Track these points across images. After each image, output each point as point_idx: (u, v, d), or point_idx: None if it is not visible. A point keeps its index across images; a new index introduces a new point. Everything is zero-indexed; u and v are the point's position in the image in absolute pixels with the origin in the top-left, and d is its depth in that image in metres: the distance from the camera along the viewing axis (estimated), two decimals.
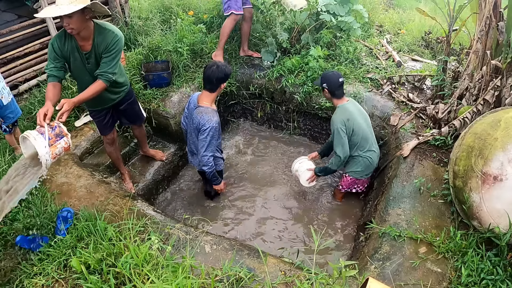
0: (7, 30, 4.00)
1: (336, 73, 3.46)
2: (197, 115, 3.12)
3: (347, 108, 3.42)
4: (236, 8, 4.28)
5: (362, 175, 3.62)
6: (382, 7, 6.97)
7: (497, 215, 2.45)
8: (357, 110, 3.49)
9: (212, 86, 3.10)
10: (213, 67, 3.02)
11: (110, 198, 3.06)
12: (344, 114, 3.39)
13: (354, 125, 3.38)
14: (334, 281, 2.32)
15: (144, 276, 2.32)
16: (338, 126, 3.37)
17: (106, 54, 2.72)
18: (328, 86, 3.41)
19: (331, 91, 3.43)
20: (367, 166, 3.56)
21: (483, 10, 3.39)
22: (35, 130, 2.30)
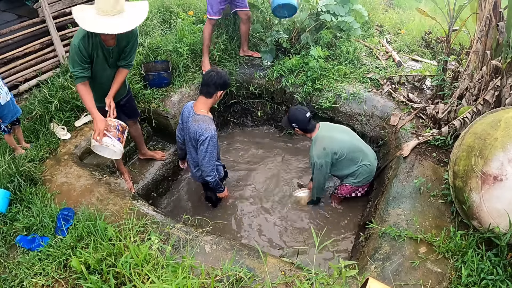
0: (7, 30, 3.99)
1: (301, 108, 3.42)
2: (194, 124, 3.00)
3: (321, 137, 3.39)
4: (211, 13, 4.28)
5: (364, 182, 3.62)
6: (382, 7, 6.97)
7: (497, 215, 2.45)
8: (332, 131, 3.45)
9: (209, 91, 2.99)
10: (212, 73, 2.98)
11: (110, 198, 3.06)
12: (320, 145, 3.35)
13: (334, 148, 3.34)
14: (334, 281, 2.32)
15: (144, 276, 2.32)
16: (315, 160, 3.35)
17: (129, 45, 2.91)
18: (298, 125, 3.40)
19: (303, 129, 3.42)
20: (367, 173, 3.55)
21: (483, 10, 3.39)
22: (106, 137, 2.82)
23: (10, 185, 3.00)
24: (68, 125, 3.84)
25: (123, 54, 2.94)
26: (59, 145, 3.63)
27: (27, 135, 3.69)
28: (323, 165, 3.36)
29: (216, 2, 4.20)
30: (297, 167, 4.44)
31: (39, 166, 3.32)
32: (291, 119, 3.43)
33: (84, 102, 2.86)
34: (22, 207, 2.92)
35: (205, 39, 4.47)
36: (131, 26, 2.57)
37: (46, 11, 4.17)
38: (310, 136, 3.48)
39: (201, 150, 3.03)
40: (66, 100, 3.92)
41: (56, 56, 4.45)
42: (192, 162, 3.39)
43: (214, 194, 3.67)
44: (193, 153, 3.26)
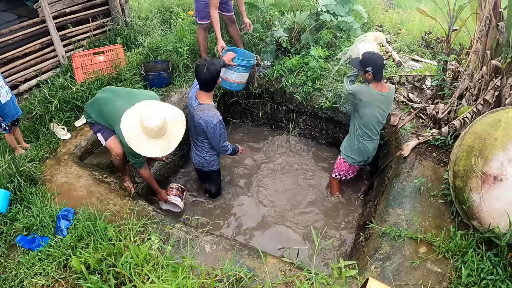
0: (7, 30, 3.99)
1: (375, 54, 3.33)
2: (200, 113, 3.23)
3: (371, 93, 3.32)
4: (200, 19, 4.27)
5: (355, 161, 3.64)
6: (382, 7, 6.96)
7: (497, 215, 2.45)
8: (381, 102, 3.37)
9: (208, 87, 3.24)
10: (203, 70, 3.10)
11: (110, 198, 3.06)
12: (362, 93, 3.32)
13: (362, 107, 3.34)
14: (334, 281, 2.32)
15: (144, 276, 2.32)
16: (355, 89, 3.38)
17: None
18: (374, 70, 3.25)
19: (375, 75, 3.29)
20: (360, 152, 3.57)
21: (483, 10, 3.39)
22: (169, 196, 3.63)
23: (10, 185, 3.00)
24: (68, 125, 3.84)
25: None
26: (59, 145, 3.62)
27: (27, 135, 3.69)
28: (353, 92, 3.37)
29: (202, 8, 4.17)
30: (297, 167, 4.44)
31: (39, 166, 3.32)
32: (368, 62, 3.28)
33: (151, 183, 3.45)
34: (22, 207, 2.92)
35: (200, 44, 4.47)
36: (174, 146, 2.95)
37: (46, 11, 4.17)
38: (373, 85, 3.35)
39: (213, 137, 3.31)
40: (66, 100, 3.92)
41: (56, 56, 4.44)
42: (194, 149, 3.60)
43: (213, 185, 3.84)
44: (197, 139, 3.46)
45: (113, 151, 3.27)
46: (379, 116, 3.39)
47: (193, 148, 3.63)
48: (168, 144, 2.93)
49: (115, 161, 3.40)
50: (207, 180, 3.85)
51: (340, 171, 3.78)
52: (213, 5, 3.94)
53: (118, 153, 3.26)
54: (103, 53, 4.25)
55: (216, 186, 3.89)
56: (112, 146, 3.24)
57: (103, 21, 4.92)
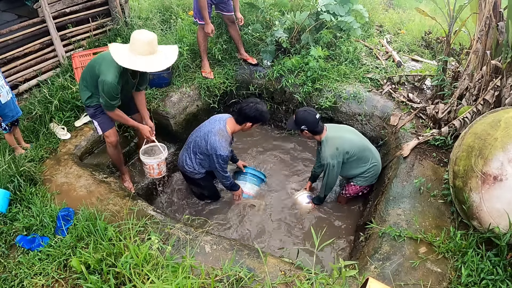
0: (7, 30, 3.99)
1: (309, 110, 3.35)
2: (217, 135, 3.27)
3: (331, 137, 3.35)
4: (199, 18, 4.26)
5: (372, 180, 3.62)
6: (382, 7, 6.97)
7: (497, 215, 2.45)
8: (341, 131, 3.44)
9: (238, 117, 3.33)
10: (251, 103, 3.24)
11: (110, 198, 3.06)
12: (332, 146, 3.32)
13: (345, 148, 3.33)
14: (334, 281, 2.32)
15: (144, 276, 2.32)
16: (329, 161, 3.32)
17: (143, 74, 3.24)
18: (308, 127, 3.31)
19: (312, 131, 3.34)
20: (376, 172, 3.56)
21: (483, 10, 3.39)
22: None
23: (10, 185, 3.00)
24: (68, 125, 3.84)
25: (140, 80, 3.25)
26: (59, 145, 3.63)
27: (27, 135, 3.69)
28: (335, 165, 3.34)
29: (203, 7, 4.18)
30: (297, 167, 4.44)
31: (39, 166, 3.33)
32: (299, 121, 3.33)
33: (126, 122, 3.30)
34: (22, 207, 2.92)
35: (200, 44, 4.47)
36: (163, 67, 2.89)
37: (46, 11, 4.17)
38: (319, 139, 3.42)
39: (214, 163, 3.32)
40: (66, 100, 3.92)
41: (56, 56, 4.45)
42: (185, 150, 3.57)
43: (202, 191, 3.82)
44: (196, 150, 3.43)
45: (107, 138, 3.35)
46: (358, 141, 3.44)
47: (185, 149, 3.59)
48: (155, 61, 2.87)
49: (109, 149, 3.45)
50: (192, 184, 3.79)
51: (354, 192, 3.71)
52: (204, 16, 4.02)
53: (112, 141, 3.35)
54: None
55: (207, 191, 3.83)
56: (106, 134, 3.33)
57: (103, 21, 4.92)
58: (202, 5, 4.05)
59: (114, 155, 3.48)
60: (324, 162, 3.36)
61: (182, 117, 4.28)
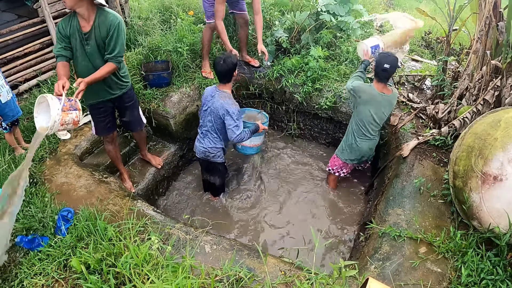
0: (7, 30, 4.00)
1: (390, 56, 3.34)
2: (221, 99, 3.34)
3: (371, 92, 3.39)
4: (206, 17, 4.27)
5: (347, 158, 3.69)
6: (382, 7, 6.97)
7: (497, 215, 2.45)
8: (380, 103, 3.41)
9: (227, 78, 3.37)
10: (221, 62, 3.26)
11: (110, 198, 3.06)
12: (363, 91, 3.40)
13: (360, 105, 3.41)
14: (334, 281, 2.32)
15: (144, 276, 2.32)
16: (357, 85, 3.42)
17: (109, 38, 2.80)
18: (375, 64, 3.39)
19: (374, 71, 3.42)
20: (352, 149, 3.61)
21: (483, 10, 3.39)
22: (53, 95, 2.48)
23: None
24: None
25: (106, 46, 2.84)
26: (59, 145, 3.63)
27: (27, 135, 3.69)
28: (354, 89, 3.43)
29: (208, 6, 4.18)
30: (297, 167, 4.44)
31: (39, 166, 3.33)
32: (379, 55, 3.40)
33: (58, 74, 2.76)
34: (22, 207, 2.92)
35: (204, 45, 4.46)
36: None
37: (46, 11, 4.17)
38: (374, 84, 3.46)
39: (231, 124, 3.34)
40: None
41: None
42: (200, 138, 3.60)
43: (218, 178, 3.80)
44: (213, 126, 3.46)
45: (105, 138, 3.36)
46: (375, 116, 3.43)
47: (200, 137, 3.61)
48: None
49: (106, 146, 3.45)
50: (212, 172, 3.78)
51: (333, 166, 3.88)
52: (218, 17, 3.96)
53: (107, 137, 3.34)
54: None
55: (220, 179, 3.84)
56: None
57: None
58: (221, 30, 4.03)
59: (111, 152, 3.46)
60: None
61: (182, 117, 4.28)
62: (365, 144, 3.56)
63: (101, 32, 2.78)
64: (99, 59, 2.87)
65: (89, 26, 2.77)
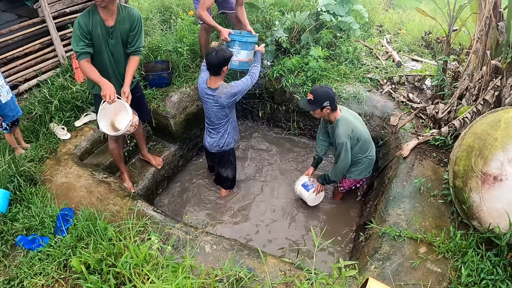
0: (7, 30, 3.99)
1: (326, 86, 3.30)
2: (221, 95, 3.31)
3: (346, 118, 3.30)
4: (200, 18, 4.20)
5: (365, 174, 3.63)
6: (382, 7, 6.97)
7: (497, 215, 2.45)
8: (353, 116, 3.42)
9: (215, 70, 3.29)
10: (212, 54, 3.20)
11: (110, 198, 3.06)
12: (348, 126, 3.26)
13: (357, 134, 3.31)
14: (334, 281, 2.32)
15: (144, 276, 2.32)
16: (345, 140, 3.23)
17: (133, 31, 2.95)
18: (331, 103, 3.17)
19: (333, 107, 3.21)
20: (370, 165, 3.57)
21: (483, 10, 3.39)
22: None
23: (10, 185, 3.00)
24: (68, 125, 3.84)
25: (130, 40, 2.98)
26: (59, 145, 3.63)
27: (27, 135, 3.69)
28: (350, 143, 3.29)
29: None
30: (297, 167, 4.44)
31: (39, 166, 3.33)
32: (321, 97, 3.13)
33: (90, 76, 2.85)
34: (22, 207, 2.92)
35: (201, 46, 4.46)
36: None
37: (46, 11, 4.17)
38: (334, 118, 3.29)
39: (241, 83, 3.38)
40: (66, 100, 3.92)
41: (56, 56, 4.45)
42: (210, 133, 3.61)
43: (230, 170, 3.83)
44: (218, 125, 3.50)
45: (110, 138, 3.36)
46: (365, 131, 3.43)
47: (209, 132, 3.62)
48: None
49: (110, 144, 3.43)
50: (224, 165, 3.80)
51: (349, 186, 3.72)
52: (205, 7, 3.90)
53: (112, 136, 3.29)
54: None
55: (232, 170, 3.87)
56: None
57: None
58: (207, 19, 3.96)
59: (114, 150, 3.45)
60: (341, 141, 3.25)
61: (182, 117, 4.28)
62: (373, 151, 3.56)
63: (125, 25, 2.90)
64: (120, 51, 3.01)
65: (112, 20, 2.85)
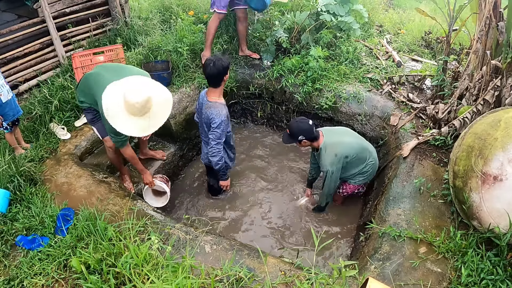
0: (7, 30, 3.99)
1: (301, 119, 3.33)
2: (207, 110, 3.24)
3: (330, 143, 3.31)
4: (218, 7, 4.26)
5: (369, 178, 3.63)
6: (382, 7, 6.97)
7: (497, 215, 2.45)
8: (337, 135, 3.41)
9: (215, 82, 3.19)
10: (210, 65, 3.05)
11: (110, 198, 3.06)
12: (331, 152, 3.28)
13: (344, 153, 3.30)
14: (334, 281, 2.32)
15: (144, 276, 2.32)
16: (328, 169, 3.29)
17: None
18: (305, 136, 3.26)
19: (310, 138, 3.29)
20: (374, 169, 3.57)
21: (483, 10, 3.39)
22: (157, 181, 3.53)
23: (10, 185, 3.00)
24: (68, 125, 3.84)
25: None
26: (59, 145, 3.63)
27: (27, 135, 3.69)
28: (334, 171, 3.32)
29: None
30: (297, 167, 4.44)
31: (39, 166, 3.32)
32: (295, 132, 3.27)
33: (135, 163, 3.30)
34: (22, 207, 2.92)
35: (209, 34, 4.44)
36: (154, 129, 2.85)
37: (46, 11, 4.17)
38: (317, 145, 3.38)
39: (211, 133, 3.25)
40: (66, 100, 3.92)
41: (56, 56, 4.45)
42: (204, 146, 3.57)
43: (217, 182, 3.76)
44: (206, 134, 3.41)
45: (106, 142, 3.29)
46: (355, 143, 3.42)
47: (204, 145, 3.61)
48: (147, 125, 2.78)
49: (109, 153, 3.42)
50: (212, 175, 3.81)
51: (351, 191, 3.70)
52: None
53: (111, 145, 3.26)
54: (103, 53, 4.25)
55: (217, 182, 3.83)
56: (106, 139, 3.26)
57: (103, 21, 4.92)
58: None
59: (114, 159, 3.46)
60: (324, 170, 3.35)
61: (182, 117, 4.28)
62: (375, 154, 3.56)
63: None
64: None
65: None
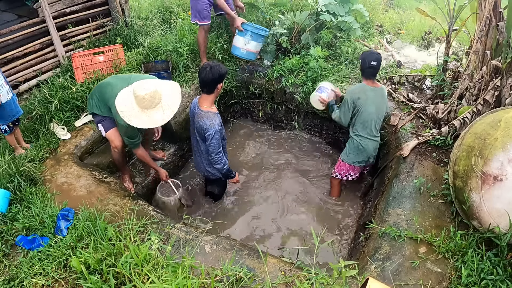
0: (7, 30, 3.99)
1: (375, 54, 3.48)
2: (199, 120, 3.16)
3: (365, 89, 3.49)
4: (200, 19, 4.24)
5: (354, 161, 3.65)
6: (382, 7, 6.97)
7: (497, 215, 2.45)
8: (375, 97, 3.50)
9: (209, 88, 3.08)
10: (206, 69, 2.98)
11: (110, 198, 3.06)
12: (359, 92, 3.49)
13: (361, 106, 3.46)
14: (334, 281, 2.32)
15: (144, 276, 2.32)
16: (347, 97, 3.53)
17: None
18: (361, 63, 3.52)
19: (361, 69, 3.55)
20: (358, 151, 3.59)
21: (483, 10, 3.39)
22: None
23: (10, 185, 3.00)
24: (68, 125, 3.84)
25: None
26: (59, 145, 3.62)
27: (27, 135, 3.69)
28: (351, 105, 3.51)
29: (202, 9, 4.17)
30: (297, 167, 4.44)
31: (39, 166, 3.32)
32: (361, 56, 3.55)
33: (148, 162, 3.43)
34: (22, 207, 2.92)
35: (201, 45, 4.46)
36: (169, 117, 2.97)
37: (46, 11, 4.17)
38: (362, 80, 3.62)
39: (209, 145, 3.21)
40: (66, 100, 3.92)
41: (56, 56, 4.45)
42: (197, 155, 3.49)
43: (217, 187, 3.75)
44: (199, 146, 3.37)
45: (112, 143, 3.33)
46: (375, 112, 3.50)
47: (196, 155, 3.52)
48: (162, 114, 2.93)
49: (114, 154, 3.42)
50: (210, 182, 3.78)
51: (340, 171, 3.79)
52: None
53: (117, 145, 3.31)
54: (103, 53, 4.25)
55: (220, 188, 3.82)
56: (112, 138, 3.30)
57: (103, 21, 4.92)
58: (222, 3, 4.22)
59: (118, 159, 3.48)
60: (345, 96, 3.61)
61: (182, 117, 4.28)
62: (370, 144, 3.57)
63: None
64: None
65: None
